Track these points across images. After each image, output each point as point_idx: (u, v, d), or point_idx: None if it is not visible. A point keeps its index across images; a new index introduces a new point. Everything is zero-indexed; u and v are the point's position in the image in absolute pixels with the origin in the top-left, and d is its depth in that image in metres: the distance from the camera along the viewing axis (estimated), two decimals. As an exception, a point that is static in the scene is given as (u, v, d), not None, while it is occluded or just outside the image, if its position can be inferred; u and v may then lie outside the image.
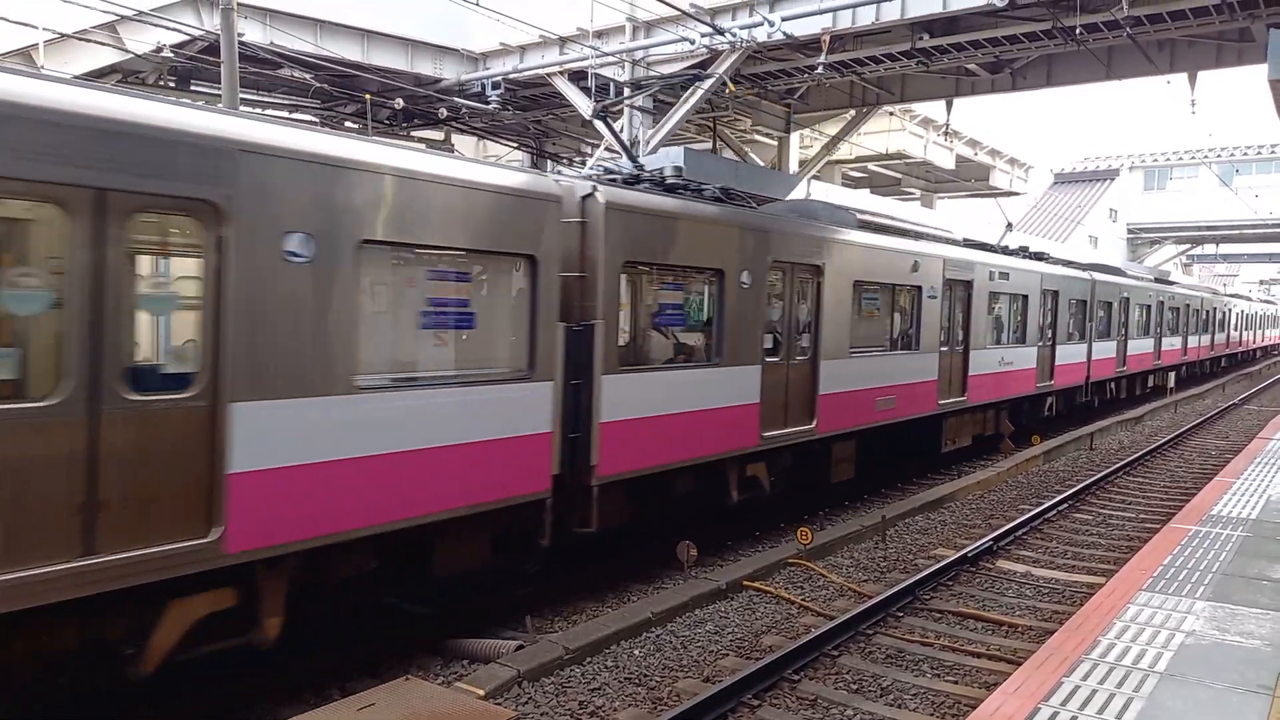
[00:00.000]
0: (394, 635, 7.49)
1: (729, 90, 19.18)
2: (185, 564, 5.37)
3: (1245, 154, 56.56)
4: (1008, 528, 11.45)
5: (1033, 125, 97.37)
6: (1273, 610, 6.70)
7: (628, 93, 18.95)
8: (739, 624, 8.24)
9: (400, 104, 20.04)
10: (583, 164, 20.96)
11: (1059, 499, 13.23)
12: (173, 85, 19.39)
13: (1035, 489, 14.66)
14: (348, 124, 23.66)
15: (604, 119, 16.29)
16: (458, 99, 21.51)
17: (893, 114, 28.50)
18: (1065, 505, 13.24)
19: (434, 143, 24.81)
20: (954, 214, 40.20)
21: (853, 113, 25.84)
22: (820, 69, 18.98)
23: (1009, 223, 20.57)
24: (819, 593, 9.23)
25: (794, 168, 26.48)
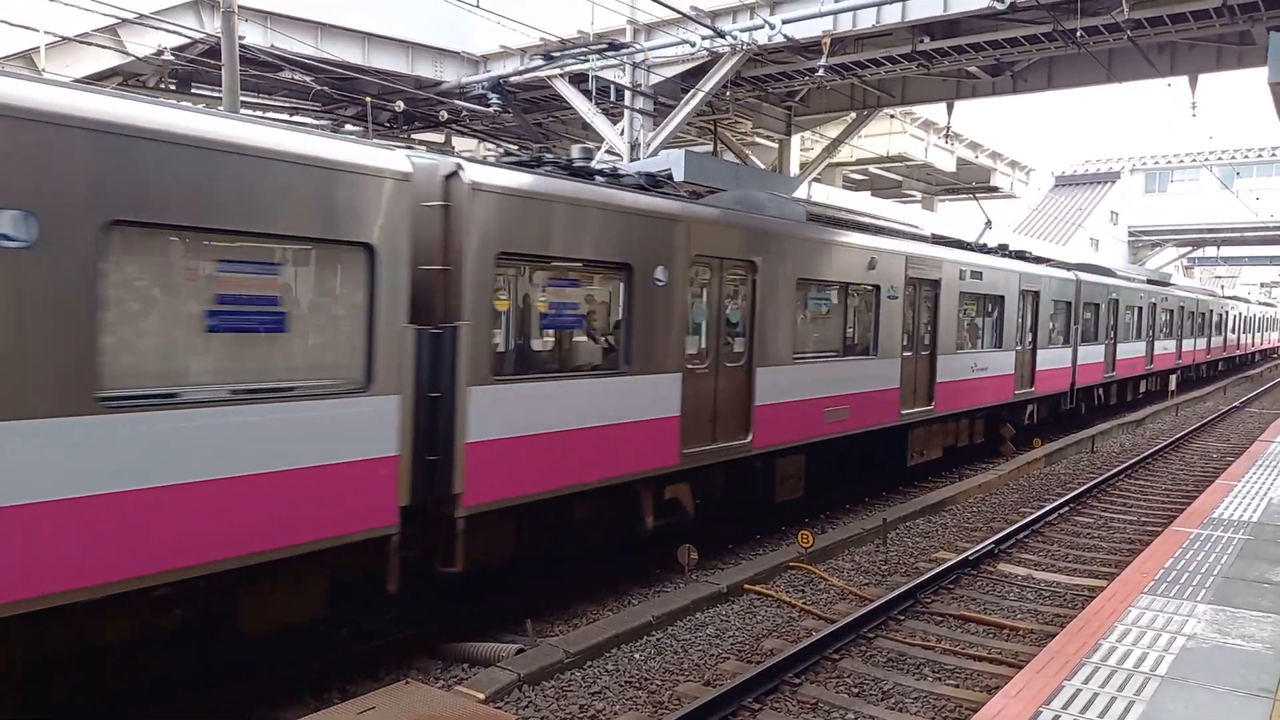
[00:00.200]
0: (394, 638, 7.48)
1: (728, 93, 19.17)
2: None
3: (1246, 156, 56.60)
4: (1009, 531, 11.45)
5: (1034, 128, 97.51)
6: (1274, 613, 6.68)
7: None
8: (740, 627, 8.23)
9: (401, 106, 20.09)
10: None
11: (1060, 502, 13.22)
12: (174, 88, 19.42)
13: (1036, 492, 14.65)
14: (349, 126, 23.68)
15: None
16: (458, 101, 21.54)
17: (893, 116, 28.51)
18: (1066, 508, 13.23)
19: (434, 145, 24.82)
20: (954, 216, 40.20)
21: (853, 115, 25.87)
22: (821, 71, 18.97)
23: (988, 220, 19.53)
24: (820, 596, 9.23)
25: (795, 170, 26.50)
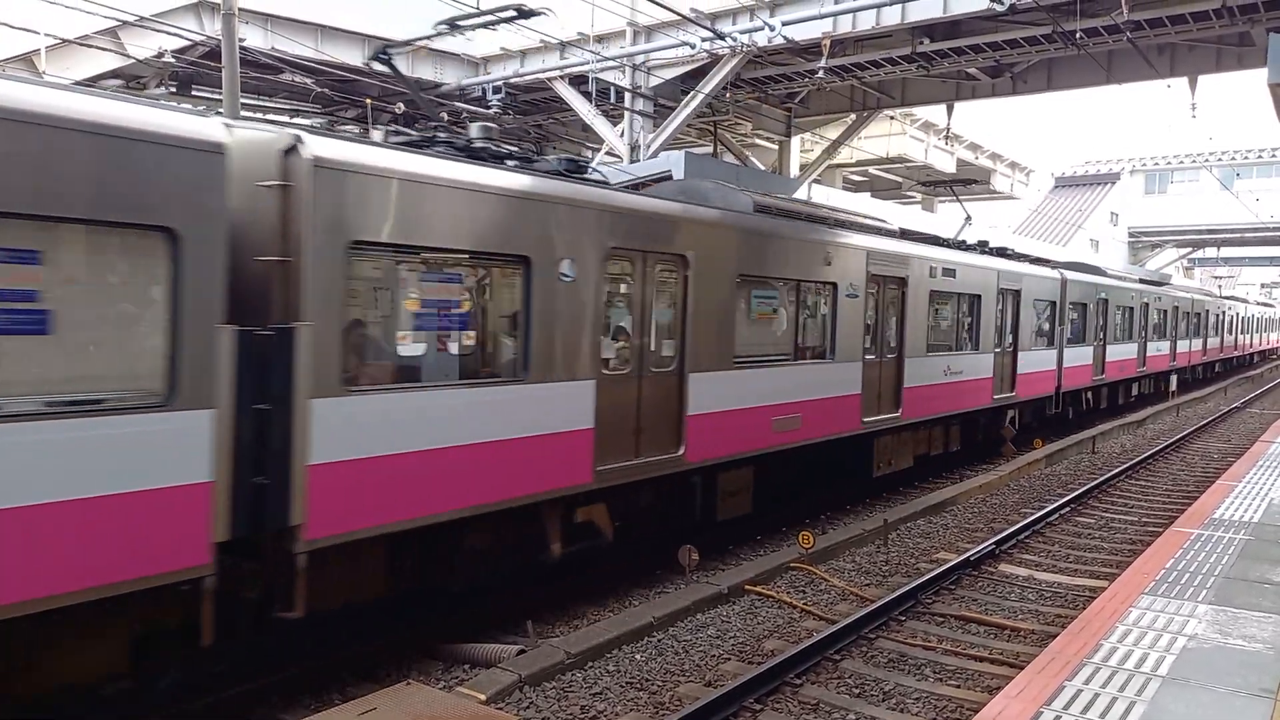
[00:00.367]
0: (395, 639, 7.48)
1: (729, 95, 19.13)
2: None
3: (1246, 157, 56.62)
4: (1010, 531, 11.44)
5: (1034, 129, 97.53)
6: (1275, 614, 6.68)
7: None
8: (741, 628, 8.23)
9: (401, 109, 20.09)
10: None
11: (1061, 502, 13.22)
12: (174, 90, 19.44)
13: (1037, 492, 14.65)
14: (349, 128, 23.69)
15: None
16: (459, 103, 21.55)
17: (893, 118, 28.56)
18: (1067, 509, 13.23)
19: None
20: (954, 217, 40.19)
21: (853, 116, 25.92)
22: (821, 73, 19.02)
23: (968, 215, 18.48)
24: (821, 596, 9.23)
25: (795, 172, 26.53)
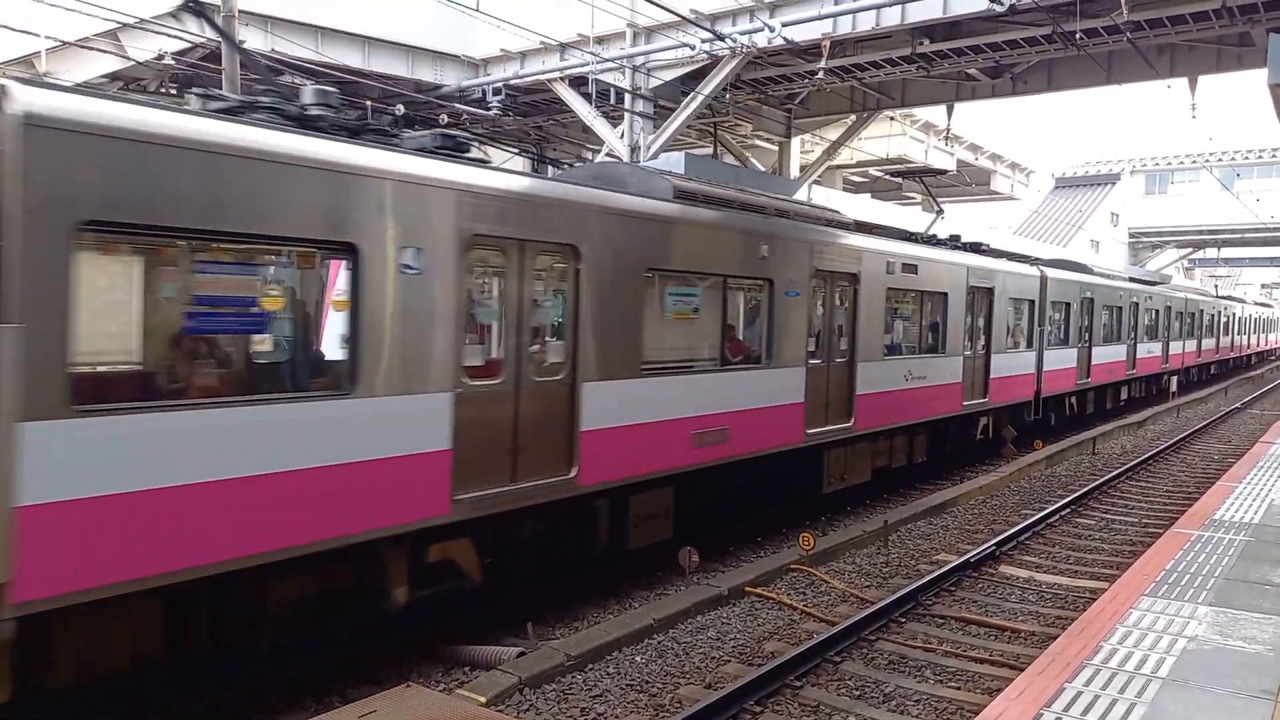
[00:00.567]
0: (395, 642, 7.47)
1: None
2: None
3: (1246, 158, 56.63)
4: (1010, 532, 11.44)
5: (1034, 130, 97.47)
6: (1275, 615, 6.68)
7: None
8: (741, 630, 8.23)
9: (401, 110, 20.10)
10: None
11: (1062, 503, 13.22)
12: (174, 92, 19.45)
13: (1038, 493, 14.65)
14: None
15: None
16: (459, 105, 21.57)
17: (893, 119, 28.56)
18: (1068, 510, 13.23)
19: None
20: (955, 219, 40.17)
21: (853, 117, 25.92)
22: (821, 74, 19.01)
23: (939, 208, 17.28)
24: (821, 598, 9.22)
25: (795, 173, 26.53)
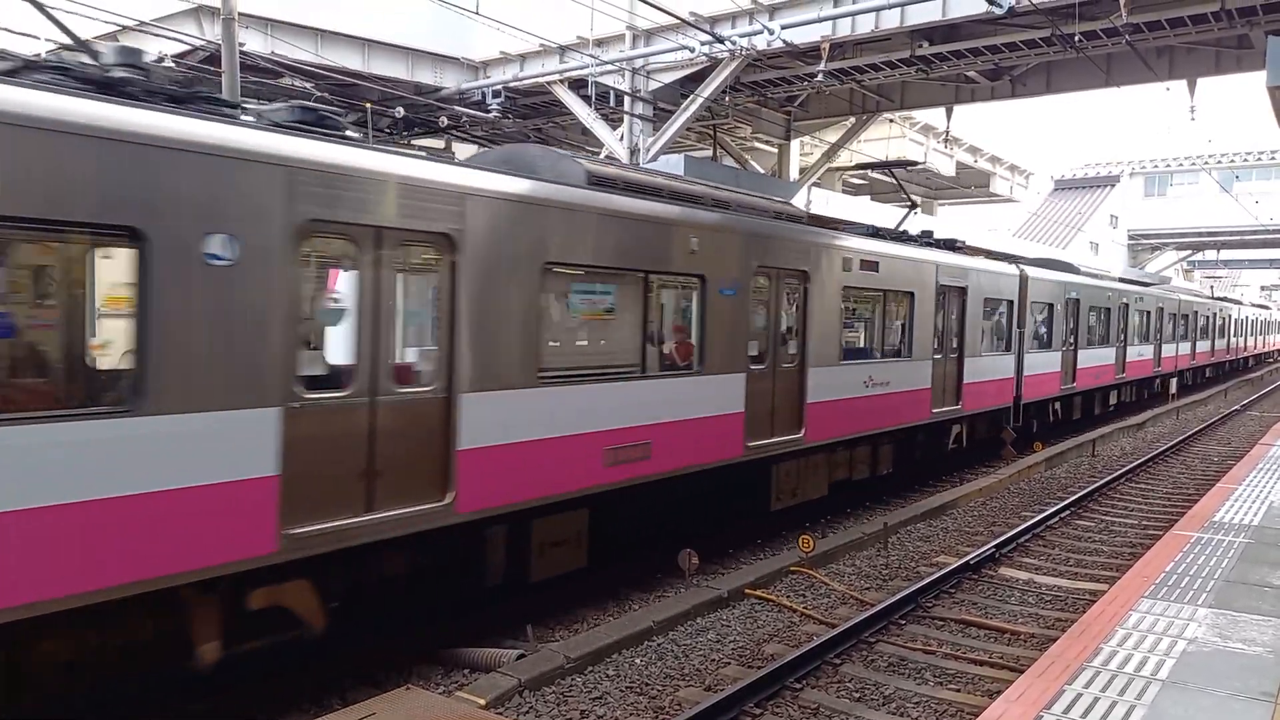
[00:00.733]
0: (394, 644, 7.47)
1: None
2: None
3: (1245, 160, 56.74)
4: (1010, 535, 11.44)
5: (1033, 132, 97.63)
6: (1275, 617, 6.68)
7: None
8: (741, 632, 8.23)
9: (401, 113, 20.11)
10: None
11: (1061, 505, 13.21)
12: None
13: (1037, 495, 14.65)
14: (348, 133, 23.74)
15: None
16: (458, 107, 21.59)
17: (893, 121, 28.60)
18: (1067, 512, 13.23)
19: (435, 151, 24.88)
20: (955, 221, 40.23)
21: (853, 120, 25.96)
22: (820, 76, 19.05)
23: (913, 201, 16.22)
24: (821, 600, 9.22)
25: (795, 175, 26.55)
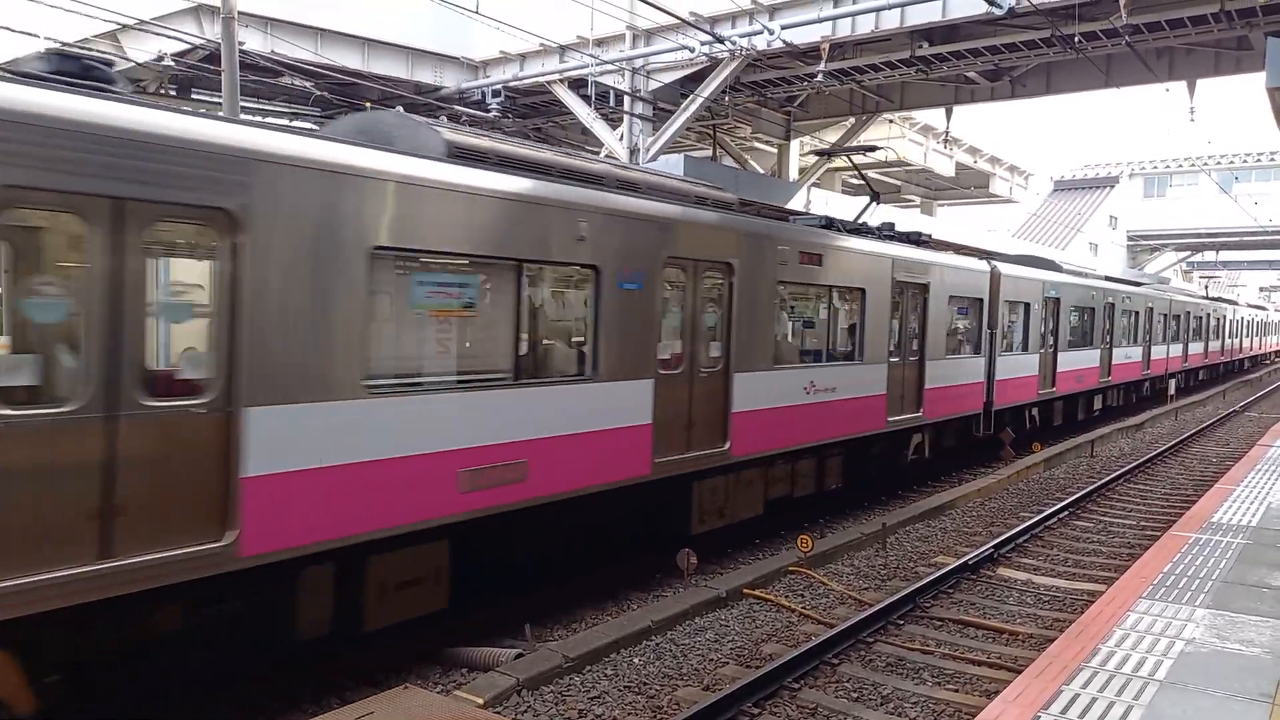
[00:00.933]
0: (393, 644, 7.47)
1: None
2: None
3: (1245, 161, 56.76)
4: (1008, 535, 11.44)
5: (1032, 133, 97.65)
6: (1273, 618, 6.68)
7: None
8: (739, 632, 8.23)
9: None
10: None
11: (1060, 506, 13.22)
12: (174, 94, 19.47)
13: (1036, 496, 14.65)
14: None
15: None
16: (458, 107, 21.58)
17: (892, 121, 28.57)
18: (1066, 512, 13.23)
19: None
20: (954, 221, 40.22)
21: (852, 120, 25.93)
22: (820, 77, 19.04)
23: (874, 194, 15.15)
24: (819, 600, 9.22)
25: (794, 175, 26.55)
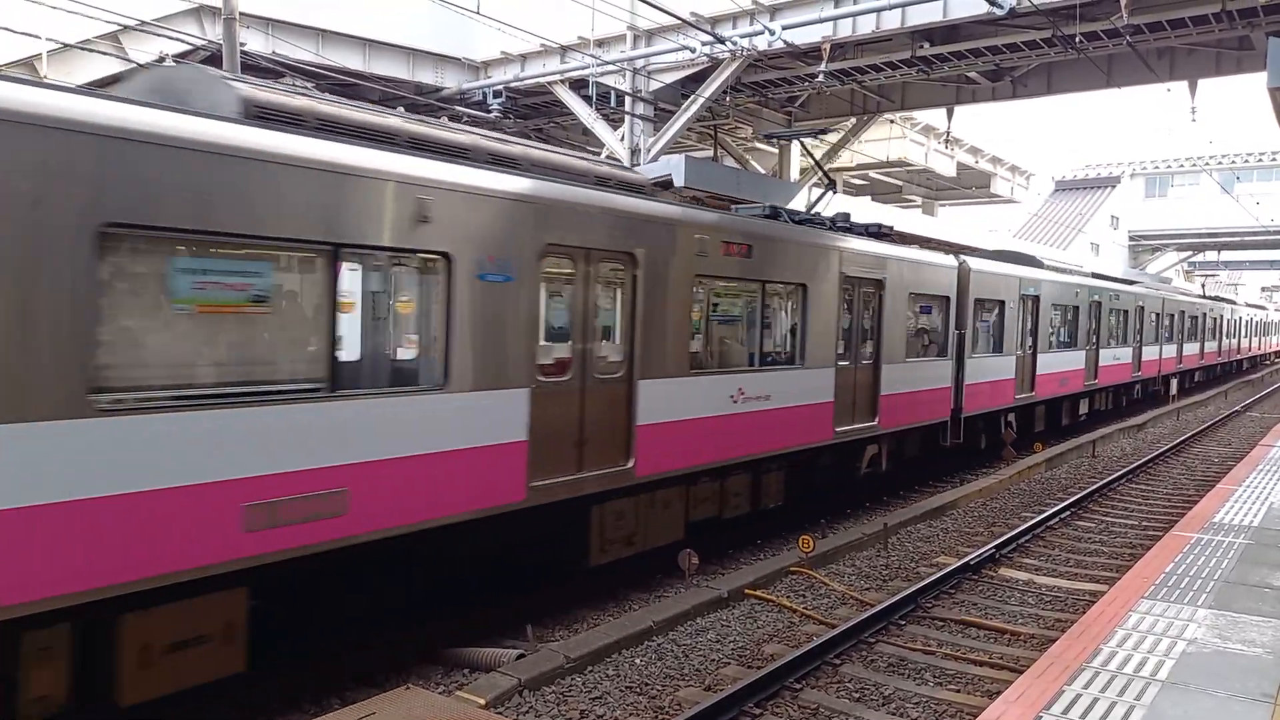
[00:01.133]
0: (394, 644, 7.48)
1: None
2: None
3: (1246, 161, 56.78)
4: (1010, 535, 11.43)
5: (1034, 133, 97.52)
6: (1274, 618, 6.68)
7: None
8: (740, 632, 8.23)
9: (401, 112, 20.12)
10: None
11: (1061, 506, 13.21)
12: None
13: (1037, 496, 14.65)
14: None
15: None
16: (459, 107, 21.59)
17: (893, 122, 28.57)
18: (1067, 513, 13.22)
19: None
20: (954, 222, 40.20)
21: (853, 120, 25.93)
22: (821, 77, 19.06)
23: (830, 182, 13.84)
24: (821, 601, 9.23)
25: (795, 175, 26.55)
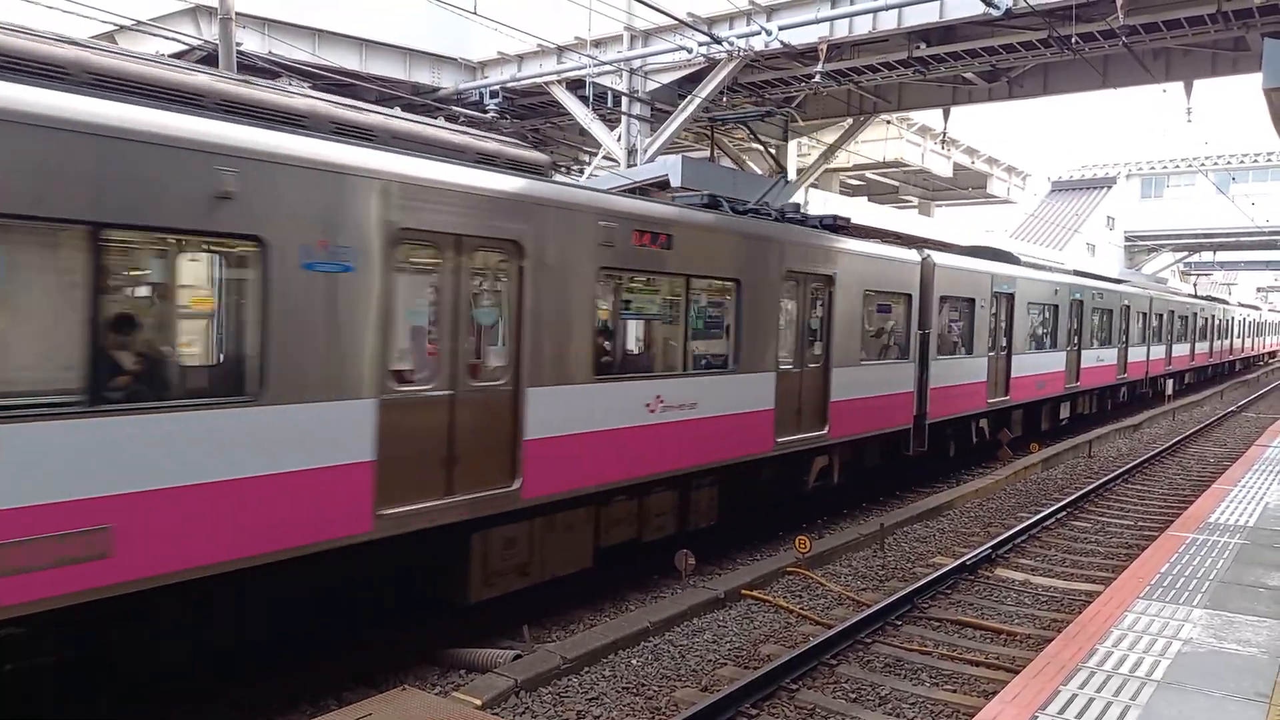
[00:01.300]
0: (393, 644, 7.47)
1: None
2: None
3: (1242, 162, 56.85)
4: (1006, 535, 11.45)
5: (1030, 134, 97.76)
6: (1270, 618, 6.70)
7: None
8: (737, 633, 8.23)
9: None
10: (580, 172, 20.98)
11: (1057, 507, 13.23)
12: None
13: (1034, 496, 14.66)
14: None
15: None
16: (456, 107, 21.59)
17: (890, 122, 28.61)
18: (1064, 513, 13.24)
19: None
20: (952, 222, 40.27)
21: (850, 121, 25.96)
22: (818, 78, 19.07)
23: (781, 169, 12.53)
24: (817, 601, 9.23)
25: (792, 176, 26.56)
